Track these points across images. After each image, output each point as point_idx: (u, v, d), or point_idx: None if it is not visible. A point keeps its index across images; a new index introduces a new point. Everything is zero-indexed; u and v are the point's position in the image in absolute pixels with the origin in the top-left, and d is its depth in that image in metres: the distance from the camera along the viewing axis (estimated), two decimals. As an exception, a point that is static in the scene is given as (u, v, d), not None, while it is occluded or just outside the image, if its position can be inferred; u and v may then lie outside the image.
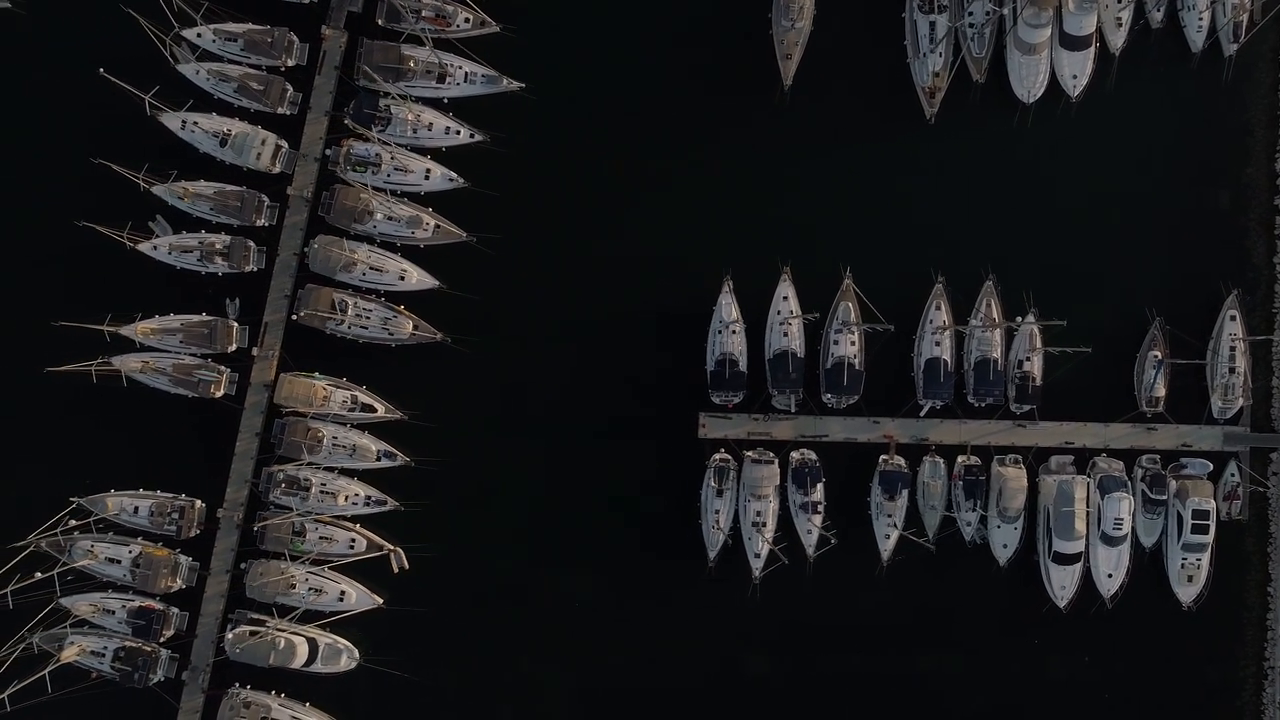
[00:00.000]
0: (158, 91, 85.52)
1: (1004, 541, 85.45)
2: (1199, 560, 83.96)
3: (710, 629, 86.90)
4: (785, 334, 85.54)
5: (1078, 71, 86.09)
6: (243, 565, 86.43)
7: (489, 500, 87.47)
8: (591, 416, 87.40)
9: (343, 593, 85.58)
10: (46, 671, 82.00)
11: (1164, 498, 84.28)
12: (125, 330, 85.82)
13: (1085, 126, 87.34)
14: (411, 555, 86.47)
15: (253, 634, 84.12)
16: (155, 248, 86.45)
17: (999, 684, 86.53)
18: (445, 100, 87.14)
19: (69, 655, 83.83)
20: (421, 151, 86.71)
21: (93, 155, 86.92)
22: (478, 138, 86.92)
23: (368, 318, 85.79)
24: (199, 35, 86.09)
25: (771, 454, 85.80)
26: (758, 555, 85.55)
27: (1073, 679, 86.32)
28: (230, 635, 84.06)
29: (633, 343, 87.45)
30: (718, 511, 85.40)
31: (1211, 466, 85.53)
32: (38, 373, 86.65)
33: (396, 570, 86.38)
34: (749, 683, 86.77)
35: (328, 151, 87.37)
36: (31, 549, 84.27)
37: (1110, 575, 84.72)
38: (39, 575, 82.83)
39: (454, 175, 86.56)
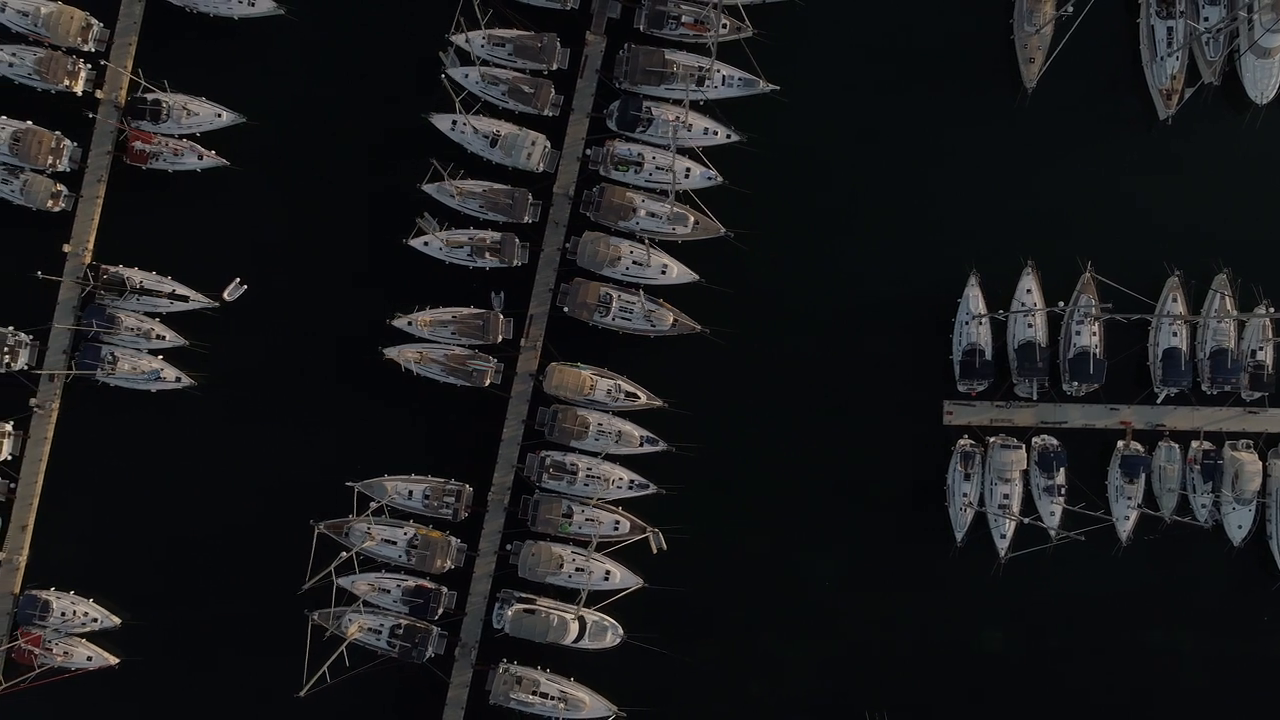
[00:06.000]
0: (425, 94, 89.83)
1: (1239, 523, 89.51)
2: None
3: (954, 607, 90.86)
4: (1030, 324, 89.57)
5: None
6: (509, 546, 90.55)
7: (742, 484, 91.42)
8: (840, 404, 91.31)
9: (608, 573, 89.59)
10: (344, 647, 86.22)
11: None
12: (398, 322, 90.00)
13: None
14: (668, 537, 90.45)
15: (528, 612, 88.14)
16: (426, 243, 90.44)
17: (1229, 659, 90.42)
18: (701, 102, 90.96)
19: (354, 632, 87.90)
20: (681, 151, 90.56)
21: (357, 155, 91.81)
22: (734, 138, 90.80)
23: (631, 310, 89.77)
24: (468, 40, 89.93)
25: (1016, 439, 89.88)
26: (1003, 536, 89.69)
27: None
28: (509, 613, 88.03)
29: (879, 333, 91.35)
30: (966, 494, 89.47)
31: None
32: (308, 363, 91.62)
33: (655, 551, 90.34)
34: (991, 657, 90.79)
35: (587, 151, 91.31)
36: (318, 532, 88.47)
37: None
38: (343, 555, 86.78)
39: (712, 173, 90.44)
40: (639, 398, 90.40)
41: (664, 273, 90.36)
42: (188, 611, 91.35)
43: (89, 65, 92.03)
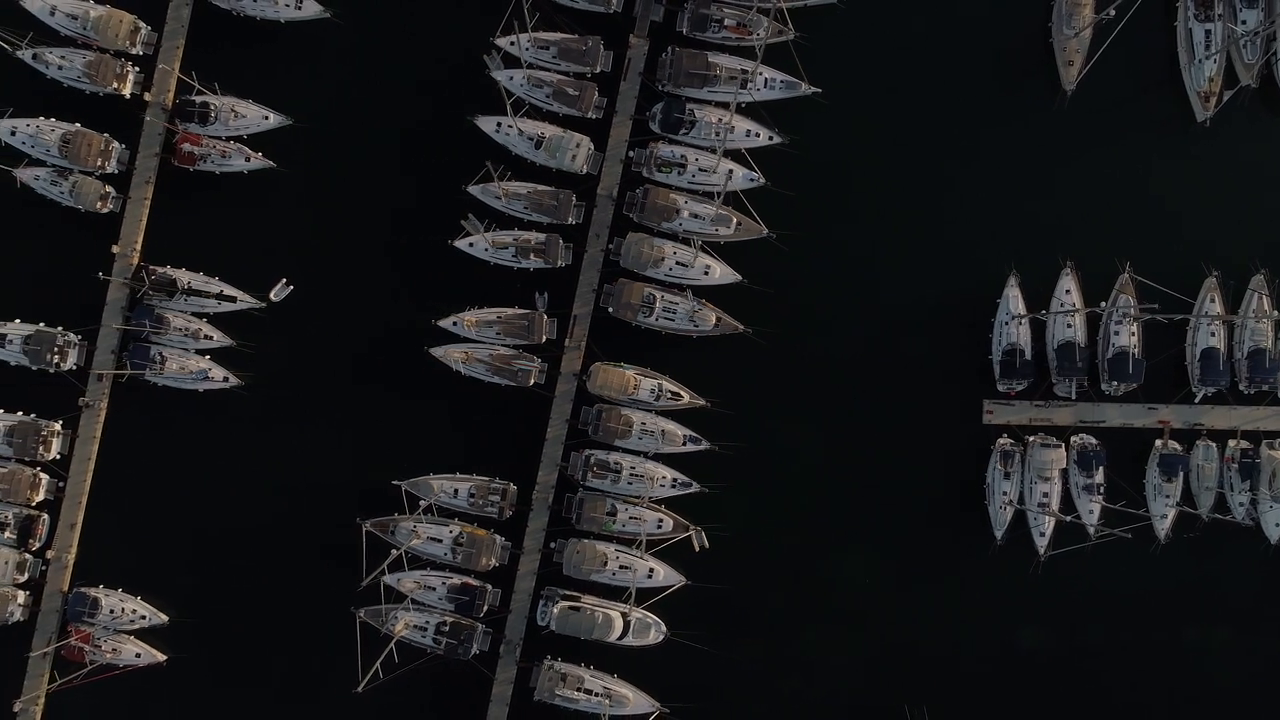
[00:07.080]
0: (470, 97, 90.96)
1: (1276, 521, 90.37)
2: None
3: (994, 604, 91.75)
4: (1069, 324, 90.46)
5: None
6: (553, 544, 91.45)
7: (783, 482, 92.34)
8: (881, 403, 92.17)
9: (651, 570, 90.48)
10: (392, 645, 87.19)
11: None
12: (444, 322, 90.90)
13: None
14: (710, 535, 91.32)
15: (574, 609, 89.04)
16: (471, 244, 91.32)
17: (1266, 656, 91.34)
18: (742, 104, 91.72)
19: (401, 629, 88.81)
20: (724, 153, 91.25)
21: (403, 157, 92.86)
22: (776, 140, 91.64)
23: (674, 310, 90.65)
24: (512, 43, 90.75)
25: (1056, 438, 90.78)
26: (1043, 534, 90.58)
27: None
28: (554, 610, 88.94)
29: (920, 333, 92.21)
30: (1005, 493, 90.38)
31: None
32: (354, 363, 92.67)
33: (697, 549, 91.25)
34: (1030, 654, 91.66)
35: (631, 153, 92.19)
36: (365, 530, 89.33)
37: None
38: (394, 552, 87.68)
39: (755, 175, 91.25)
40: (682, 397, 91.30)
41: (707, 273, 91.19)
42: (234, 609, 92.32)
43: (137, 68, 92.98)
